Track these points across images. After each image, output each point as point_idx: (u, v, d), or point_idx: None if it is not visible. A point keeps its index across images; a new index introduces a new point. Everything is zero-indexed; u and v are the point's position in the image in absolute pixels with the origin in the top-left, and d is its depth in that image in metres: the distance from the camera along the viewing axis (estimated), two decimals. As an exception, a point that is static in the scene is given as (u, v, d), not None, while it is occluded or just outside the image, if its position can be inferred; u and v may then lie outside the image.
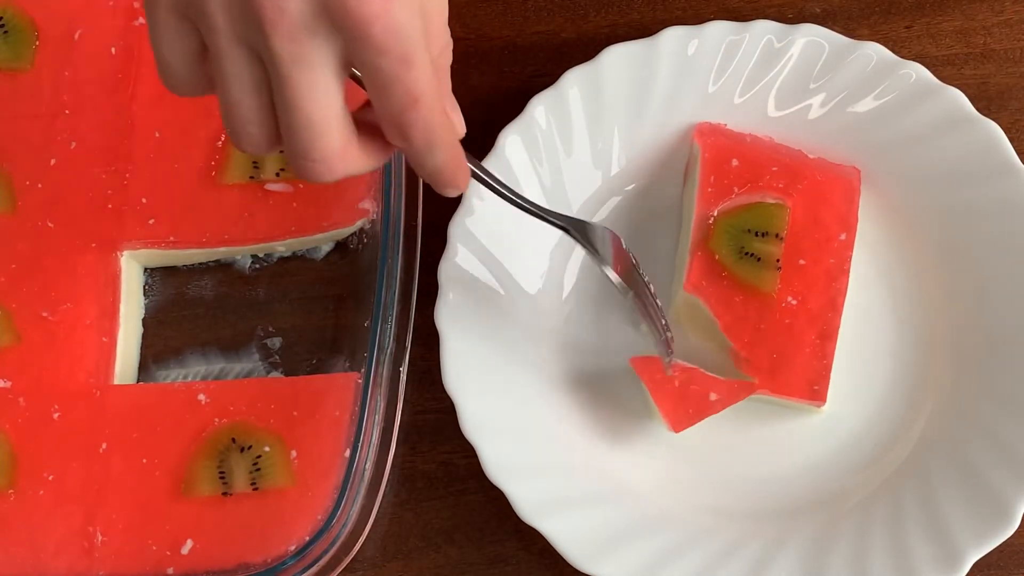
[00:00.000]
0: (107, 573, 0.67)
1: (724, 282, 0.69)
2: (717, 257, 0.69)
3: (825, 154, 0.72)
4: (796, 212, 0.70)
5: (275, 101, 0.51)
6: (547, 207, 0.65)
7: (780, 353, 0.68)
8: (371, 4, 0.47)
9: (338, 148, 0.51)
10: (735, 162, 0.71)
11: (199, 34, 0.51)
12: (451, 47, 0.56)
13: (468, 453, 0.67)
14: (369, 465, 0.68)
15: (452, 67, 0.76)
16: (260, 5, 0.48)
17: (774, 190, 0.70)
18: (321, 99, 0.50)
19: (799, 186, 0.70)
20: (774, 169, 0.71)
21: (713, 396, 0.67)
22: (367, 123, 0.53)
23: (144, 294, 0.75)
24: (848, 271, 0.69)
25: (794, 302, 0.68)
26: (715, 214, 0.70)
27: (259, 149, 0.53)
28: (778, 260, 0.68)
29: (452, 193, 0.57)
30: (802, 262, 0.69)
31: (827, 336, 0.68)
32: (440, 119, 0.52)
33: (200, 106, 0.75)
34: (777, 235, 0.69)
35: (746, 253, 0.69)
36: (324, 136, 0.51)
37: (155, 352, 0.74)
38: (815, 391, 0.68)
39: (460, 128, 0.57)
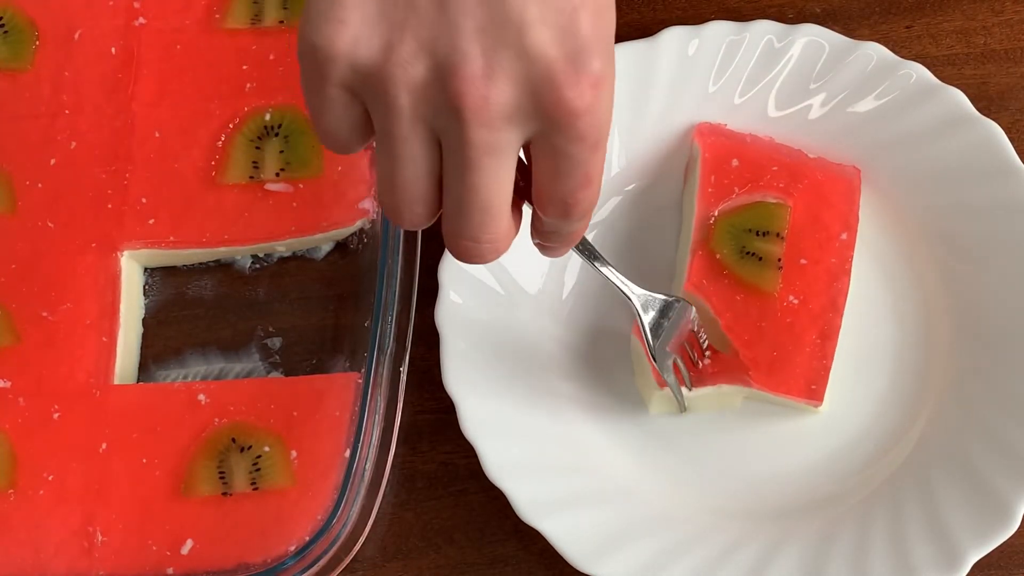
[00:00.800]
0: (107, 573, 0.67)
1: (725, 281, 0.69)
2: (718, 256, 0.69)
3: (825, 154, 0.72)
4: (797, 212, 0.70)
5: (449, 183, 0.48)
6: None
7: (780, 351, 0.68)
8: (584, 96, 0.46)
9: (506, 230, 0.50)
10: (735, 162, 0.71)
11: (363, 106, 0.48)
12: None
13: (468, 453, 0.67)
14: (369, 465, 0.68)
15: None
16: (462, 92, 0.45)
17: (775, 190, 0.70)
18: (501, 185, 0.48)
19: (799, 186, 0.70)
20: (774, 169, 0.71)
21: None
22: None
23: (144, 294, 0.75)
24: (849, 271, 0.69)
25: (795, 301, 0.68)
26: (716, 214, 0.70)
27: (417, 226, 0.52)
28: (780, 259, 0.68)
29: (563, 253, 0.57)
30: (803, 261, 0.69)
31: (827, 336, 0.68)
32: (599, 192, 0.51)
33: (200, 106, 0.75)
34: (778, 234, 0.69)
35: (747, 252, 0.69)
36: (497, 220, 0.49)
37: (155, 352, 0.74)
38: (812, 390, 0.68)
39: None
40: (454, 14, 0.45)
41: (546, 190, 0.50)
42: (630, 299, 0.65)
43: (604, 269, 0.64)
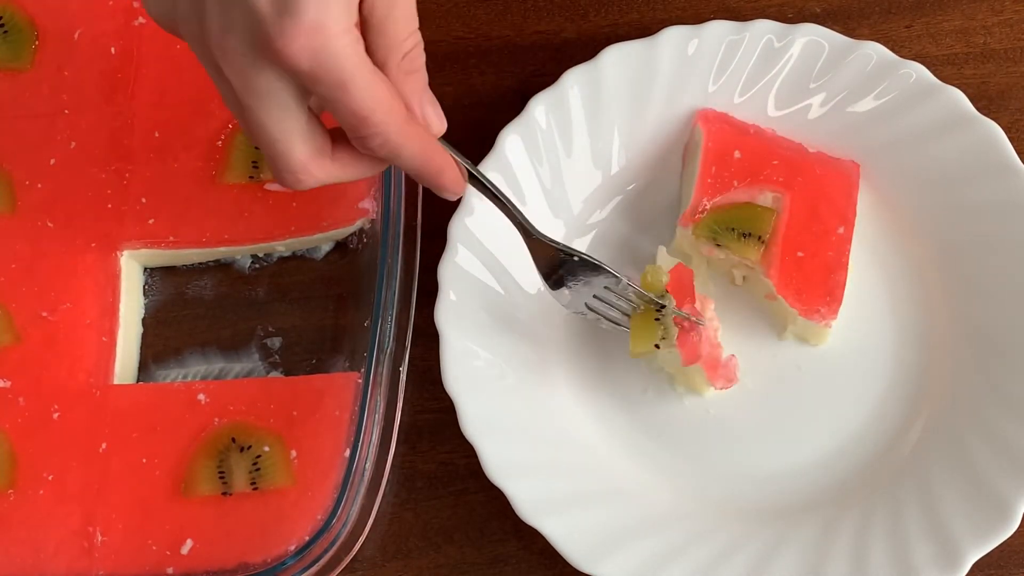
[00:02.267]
0: (107, 573, 0.67)
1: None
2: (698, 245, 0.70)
3: (825, 152, 0.72)
4: (795, 205, 0.70)
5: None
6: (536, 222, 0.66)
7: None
8: (294, 40, 0.50)
9: (303, 161, 0.55)
10: (738, 154, 0.71)
11: None
12: (420, 48, 0.58)
13: (468, 453, 0.67)
14: (369, 465, 0.68)
15: (453, 66, 0.76)
16: (210, 47, 0.52)
17: (773, 183, 0.70)
18: (276, 122, 0.54)
19: (798, 179, 0.70)
20: (775, 163, 0.71)
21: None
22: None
23: (144, 294, 0.75)
24: (847, 264, 0.69)
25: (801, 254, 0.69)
26: (708, 205, 0.70)
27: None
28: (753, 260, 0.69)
29: (449, 196, 0.61)
30: (800, 254, 0.69)
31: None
32: (397, 127, 0.55)
33: (200, 106, 0.75)
34: (760, 238, 0.69)
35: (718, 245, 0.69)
36: (286, 152, 0.55)
37: (155, 352, 0.74)
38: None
39: (438, 126, 0.59)
40: None
41: (343, 128, 0.55)
42: (519, 225, 0.65)
43: (493, 197, 0.64)
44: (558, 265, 0.66)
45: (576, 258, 0.66)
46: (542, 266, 0.66)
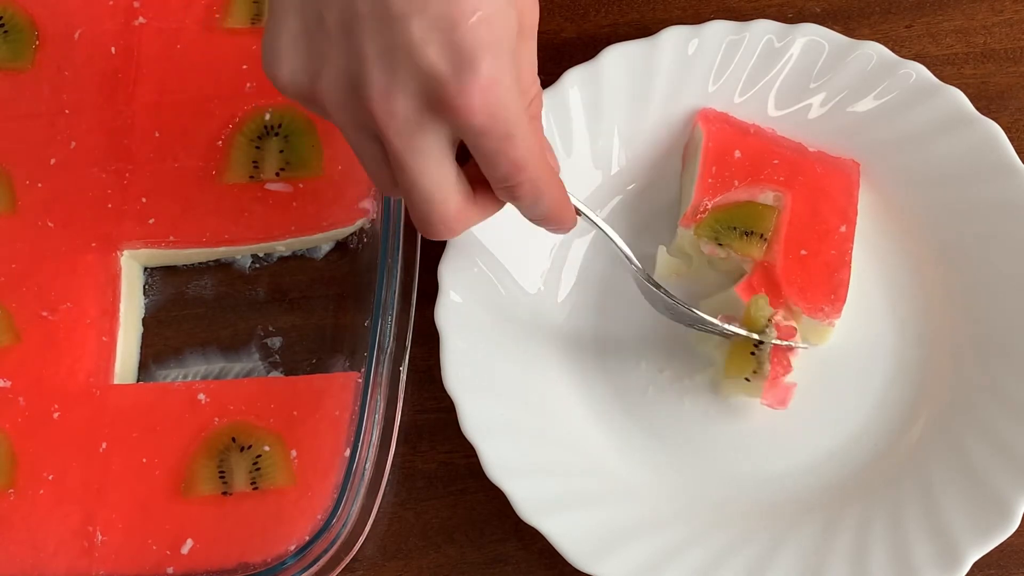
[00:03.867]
0: (107, 573, 0.67)
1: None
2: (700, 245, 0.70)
3: (825, 152, 0.72)
4: (796, 204, 0.70)
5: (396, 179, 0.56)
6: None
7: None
8: (471, 100, 0.51)
9: (454, 213, 0.56)
10: (737, 154, 0.71)
11: None
12: (541, 96, 0.59)
13: (468, 453, 0.67)
14: (369, 465, 0.68)
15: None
16: (371, 108, 0.52)
17: (774, 183, 0.70)
18: (434, 176, 0.54)
19: (799, 179, 0.70)
20: (775, 162, 0.71)
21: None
22: (480, 178, 0.57)
23: (144, 294, 0.75)
24: (849, 263, 0.69)
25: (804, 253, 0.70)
26: (709, 205, 0.70)
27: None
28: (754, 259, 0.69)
29: (562, 232, 0.62)
30: (803, 252, 0.69)
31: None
32: (544, 175, 0.56)
33: (200, 106, 0.75)
34: (762, 235, 0.69)
35: (720, 245, 0.69)
36: (440, 205, 0.55)
37: (155, 352, 0.74)
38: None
39: (556, 167, 0.61)
40: (359, 43, 0.51)
41: (488, 177, 0.56)
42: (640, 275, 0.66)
43: (609, 232, 0.66)
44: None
45: (682, 307, 0.67)
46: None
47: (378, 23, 0.51)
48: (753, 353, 0.67)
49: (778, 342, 0.67)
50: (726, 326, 0.67)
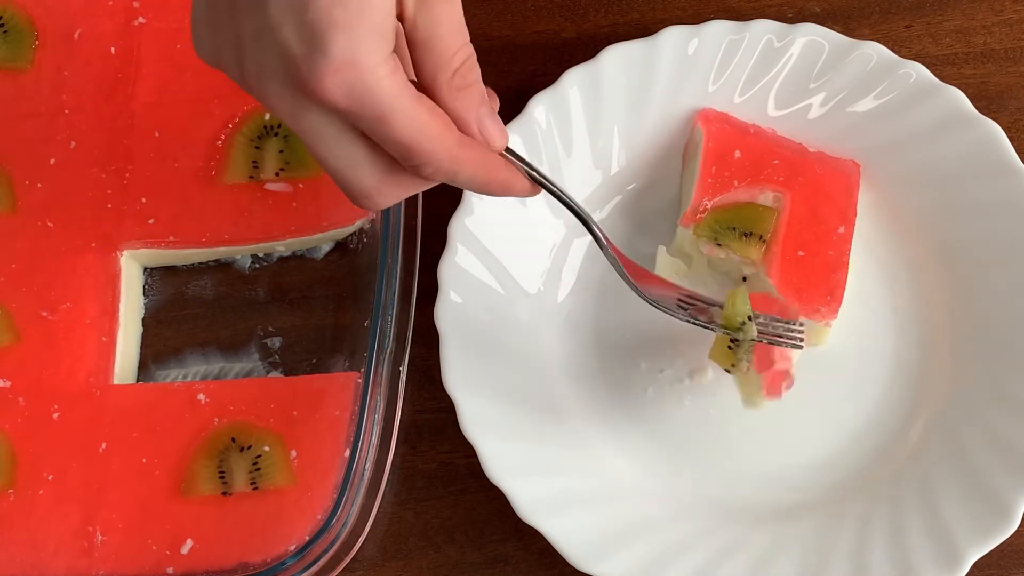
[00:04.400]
0: (107, 573, 0.67)
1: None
2: (699, 245, 0.70)
3: (825, 152, 0.72)
4: (795, 205, 0.70)
5: None
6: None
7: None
8: (326, 78, 0.49)
9: (371, 185, 0.54)
10: (737, 154, 0.71)
11: None
12: (472, 61, 0.56)
13: (468, 453, 0.67)
14: (369, 465, 0.68)
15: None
16: (257, 94, 0.52)
17: (774, 183, 0.70)
18: (336, 153, 0.53)
19: (799, 179, 0.70)
20: (775, 162, 0.71)
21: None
22: None
23: (144, 294, 0.75)
24: (847, 264, 0.69)
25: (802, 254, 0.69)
26: (708, 205, 0.70)
27: None
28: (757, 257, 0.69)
29: (517, 195, 0.59)
30: (801, 254, 0.69)
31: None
32: (447, 154, 0.53)
33: (200, 106, 0.75)
34: (761, 237, 0.69)
35: (718, 245, 0.69)
36: (352, 179, 0.54)
37: (155, 352, 0.74)
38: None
39: (499, 140, 0.56)
40: (239, 23, 0.51)
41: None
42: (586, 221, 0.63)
43: (551, 189, 0.61)
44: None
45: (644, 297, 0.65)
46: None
47: (250, 2, 0.50)
48: (730, 347, 0.66)
49: (759, 339, 0.65)
50: (696, 319, 0.66)
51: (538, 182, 0.59)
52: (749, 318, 0.65)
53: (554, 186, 0.59)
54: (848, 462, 0.69)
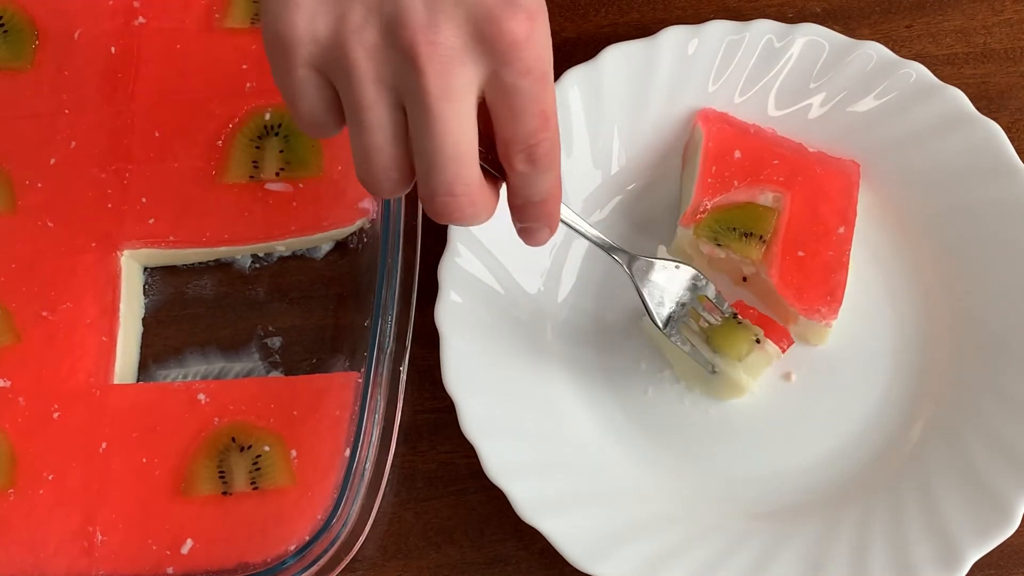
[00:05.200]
0: (107, 573, 0.67)
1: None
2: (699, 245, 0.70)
3: (825, 152, 0.73)
4: (795, 205, 0.70)
5: (417, 141, 0.51)
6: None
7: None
8: (520, 25, 0.49)
9: (478, 180, 0.53)
10: (737, 154, 0.71)
11: (332, 86, 0.52)
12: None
13: (468, 453, 0.67)
14: (369, 465, 0.68)
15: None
16: (412, 41, 0.49)
17: (774, 183, 0.70)
18: (465, 131, 0.51)
19: (799, 179, 0.70)
20: (775, 162, 0.71)
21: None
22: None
23: (144, 293, 0.75)
24: (847, 264, 0.69)
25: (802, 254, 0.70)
26: (708, 205, 0.70)
27: (396, 193, 0.55)
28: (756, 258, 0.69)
29: (543, 237, 0.58)
30: (801, 254, 0.69)
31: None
32: (558, 137, 0.54)
33: (200, 106, 0.75)
34: (761, 237, 0.69)
35: (718, 245, 0.69)
36: (468, 167, 0.52)
37: (155, 352, 0.74)
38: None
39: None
40: None
41: (508, 136, 0.53)
42: (622, 264, 0.66)
43: (592, 235, 0.65)
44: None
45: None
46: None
47: None
48: (740, 322, 0.68)
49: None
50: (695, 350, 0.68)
51: (570, 225, 0.62)
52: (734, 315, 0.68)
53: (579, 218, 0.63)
54: (848, 462, 0.69)
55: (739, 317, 0.68)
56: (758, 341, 0.67)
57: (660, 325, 0.67)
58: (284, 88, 0.53)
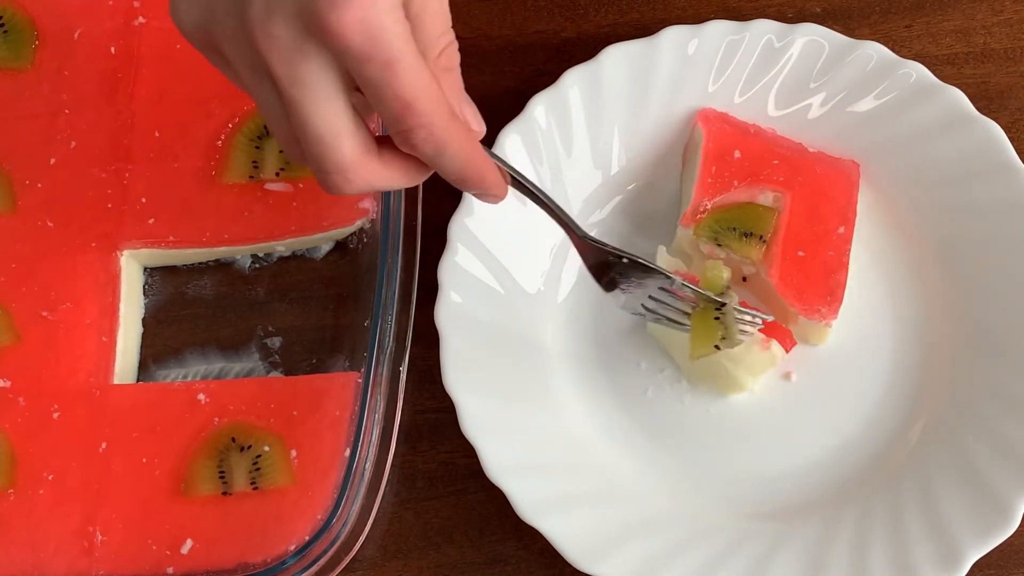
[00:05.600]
0: (107, 573, 0.67)
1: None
2: (700, 247, 0.70)
3: (825, 152, 0.72)
4: (795, 205, 0.70)
5: (290, 124, 0.52)
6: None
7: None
8: (346, 12, 0.48)
9: (351, 159, 0.53)
10: (737, 154, 0.71)
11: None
12: (455, 47, 0.56)
13: (468, 453, 0.67)
14: (369, 465, 0.68)
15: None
16: (253, 36, 0.50)
17: (773, 183, 0.70)
18: (325, 114, 0.51)
19: (799, 179, 0.70)
20: (775, 162, 0.71)
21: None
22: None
23: (144, 294, 0.75)
24: (847, 264, 0.69)
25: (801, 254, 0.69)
26: (708, 206, 0.70)
27: (304, 163, 0.55)
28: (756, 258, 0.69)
29: (492, 201, 0.59)
30: (801, 254, 0.69)
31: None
32: (442, 121, 0.53)
33: (200, 106, 0.75)
34: (761, 237, 0.69)
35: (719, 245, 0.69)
36: (334, 148, 0.52)
37: (155, 352, 0.74)
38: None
39: (477, 127, 0.57)
40: None
41: (385, 122, 0.52)
42: (566, 226, 0.64)
43: (538, 200, 0.62)
44: (608, 267, 0.65)
45: (625, 259, 0.64)
46: (592, 268, 0.65)
47: None
48: (717, 318, 0.65)
49: (740, 310, 0.66)
50: (685, 283, 0.65)
51: (512, 177, 0.60)
52: (728, 285, 0.65)
53: (526, 181, 0.60)
54: (848, 462, 0.69)
55: (720, 310, 0.66)
56: (717, 347, 0.66)
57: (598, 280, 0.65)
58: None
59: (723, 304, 0.65)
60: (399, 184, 0.56)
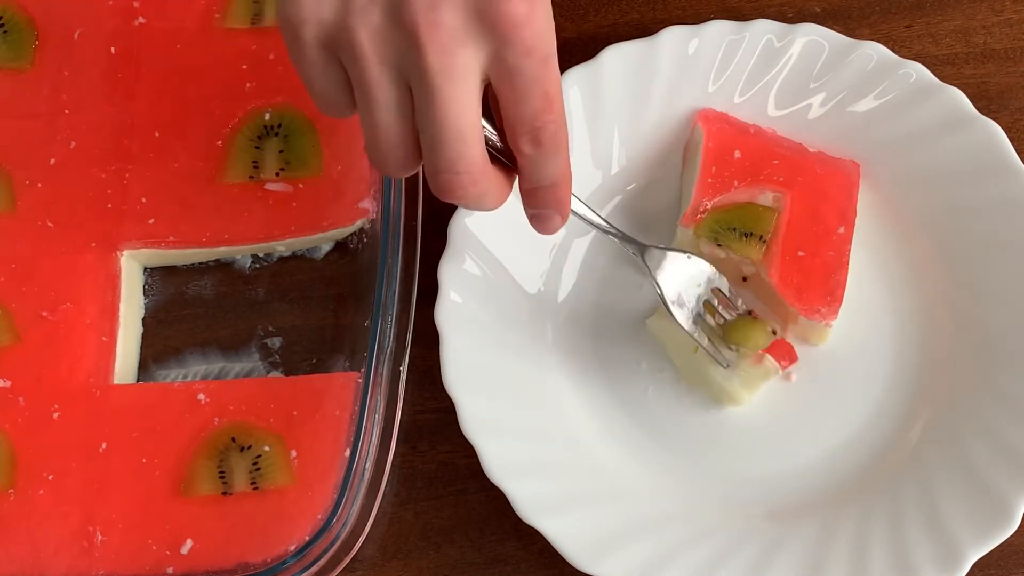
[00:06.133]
0: (107, 573, 0.67)
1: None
2: (699, 245, 0.70)
3: (825, 152, 0.73)
4: (795, 205, 0.70)
5: (420, 118, 0.53)
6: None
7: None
8: (519, 7, 0.50)
9: (482, 160, 0.54)
10: (737, 154, 0.71)
11: (344, 68, 0.53)
12: None
13: (468, 453, 0.67)
14: (369, 465, 0.68)
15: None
16: (414, 22, 0.50)
17: (774, 183, 0.70)
18: (468, 110, 0.52)
19: (799, 179, 0.70)
20: (775, 162, 0.71)
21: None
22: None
23: (144, 294, 0.75)
24: (847, 264, 0.69)
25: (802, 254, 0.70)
26: (708, 206, 0.70)
27: (403, 171, 0.55)
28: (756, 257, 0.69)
29: (552, 227, 0.59)
30: (801, 254, 0.69)
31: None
32: (564, 120, 0.55)
33: (200, 106, 0.75)
34: (761, 237, 0.69)
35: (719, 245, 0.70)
36: (471, 147, 0.53)
37: (155, 352, 0.74)
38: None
39: None
40: None
41: (513, 118, 0.53)
42: (639, 255, 0.67)
43: (603, 225, 0.66)
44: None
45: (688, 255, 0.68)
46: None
47: None
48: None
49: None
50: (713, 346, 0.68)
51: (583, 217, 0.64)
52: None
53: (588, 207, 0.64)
54: (848, 462, 0.69)
55: (753, 313, 0.68)
56: (775, 332, 0.68)
57: (682, 323, 0.67)
58: (299, 70, 0.55)
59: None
60: (493, 201, 0.57)
